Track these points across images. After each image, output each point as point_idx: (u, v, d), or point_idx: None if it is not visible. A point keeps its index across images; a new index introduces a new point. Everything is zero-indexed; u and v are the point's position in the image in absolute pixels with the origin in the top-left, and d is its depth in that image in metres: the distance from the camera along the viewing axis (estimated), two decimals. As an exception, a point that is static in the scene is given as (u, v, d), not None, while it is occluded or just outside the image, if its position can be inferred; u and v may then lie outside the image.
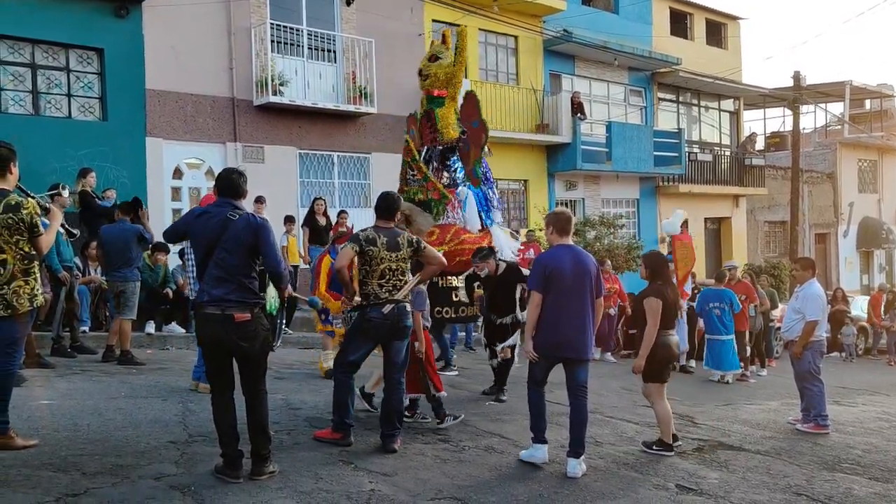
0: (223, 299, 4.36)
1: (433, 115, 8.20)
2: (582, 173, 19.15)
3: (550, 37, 18.25)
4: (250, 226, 4.43)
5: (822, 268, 25.17)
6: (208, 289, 4.42)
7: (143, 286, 10.38)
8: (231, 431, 4.51)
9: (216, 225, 4.43)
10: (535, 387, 5.49)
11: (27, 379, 6.71)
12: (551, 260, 5.45)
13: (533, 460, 5.41)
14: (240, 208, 4.52)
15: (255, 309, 4.47)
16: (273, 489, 4.38)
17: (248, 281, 4.44)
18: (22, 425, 5.30)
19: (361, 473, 4.85)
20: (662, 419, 6.09)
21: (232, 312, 4.36)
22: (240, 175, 4.63)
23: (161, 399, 6.52)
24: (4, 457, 4.57)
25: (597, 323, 5.59)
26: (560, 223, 5.57)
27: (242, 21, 13.32)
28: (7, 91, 11.37)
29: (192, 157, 13.07)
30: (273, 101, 13.28)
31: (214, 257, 4.40)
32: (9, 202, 4.60)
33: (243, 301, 4.40)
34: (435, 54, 8.32)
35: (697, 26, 23.26)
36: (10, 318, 4.68)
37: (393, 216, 5.65)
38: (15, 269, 4.65)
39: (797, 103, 22.32)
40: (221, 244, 4.39)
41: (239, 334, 4.38)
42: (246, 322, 4.38)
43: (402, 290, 5.47)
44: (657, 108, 21.90)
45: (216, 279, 4.40)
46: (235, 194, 4.56)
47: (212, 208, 4.59)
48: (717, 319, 10.96)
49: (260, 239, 4.43)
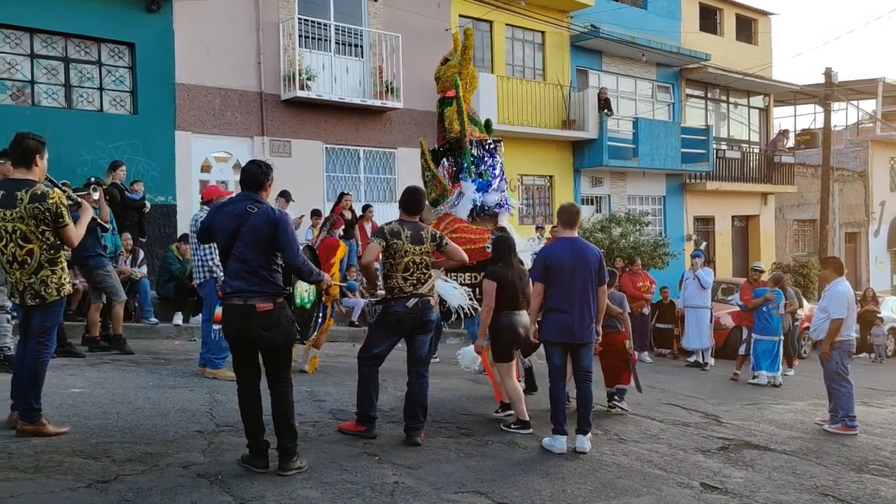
0: (245, 290, 4.40)
1: (442, 115, 8.26)
2: (608, 170, 19.04)
3: (578, 32, 18.14)
4: (269, 219, 4.42)
5: (852, 267, 24.83)
6: (230, 281, 4.47)
7: (171, 278, 10.56)
8: (256, 421, 4.55)
9: (235, 217, 4.45)
10: (556, 375, 5.79)
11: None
12: (550, 252, 5.88)
13: (552, 449, 5.63)
14: (260, 201, 4.52)
15: (279, 300, 4.49)
16: (298, 479, 4.43)
17: (268, 273, 4.44)
18: (53, 413, 5.41)
19: (385, 466, 4.88)
20: (513, 397, 6.20)
21: (254, 303, 4.38)
22: (260, 167, 4.61)
23: (188, 389, 6.61)
24: (38, 443, 4.67)
25: (601, 310, 5.95)
26: (565, 216, 6.02)
27: (271, 16, 13.42)
28: (40, 84, 11.56)
29: (220, 151, 13.20)
30: (300, 96, 13.37)
31: (234, 251, 4.43)
32: (35, 192, 4.64)
33: (264, 292, 4.42)
34: (447, 58, 8.42)
35: (727, 22, 23.00)
36: (39, 308, 4.78)
37: (417, 210, 5.67)
38: (42, 259, 4.71)
39: (828, 100, 21.98)
40: (240, 237, 4.41)
41: (261, 324, 4.40)
42: (268, 312, 4.41)
43: (427, 284, 5.49)
44: (685, 104, 21.70)
45: (237, 272, 4.43)
46: (256, 187, 4.57)
47: (233, 201, 4.63)
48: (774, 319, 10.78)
49: (278, 233, 4.42)
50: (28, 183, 4.69)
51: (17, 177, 4.75)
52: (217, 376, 7.08)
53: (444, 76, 8.30)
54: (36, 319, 4.82)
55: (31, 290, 4.71)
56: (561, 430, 5.68)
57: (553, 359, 5.82)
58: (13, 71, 11.33)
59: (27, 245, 4.67)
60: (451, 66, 8.26)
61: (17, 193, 4.62)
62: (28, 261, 4.69)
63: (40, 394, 4.86)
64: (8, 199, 4.62)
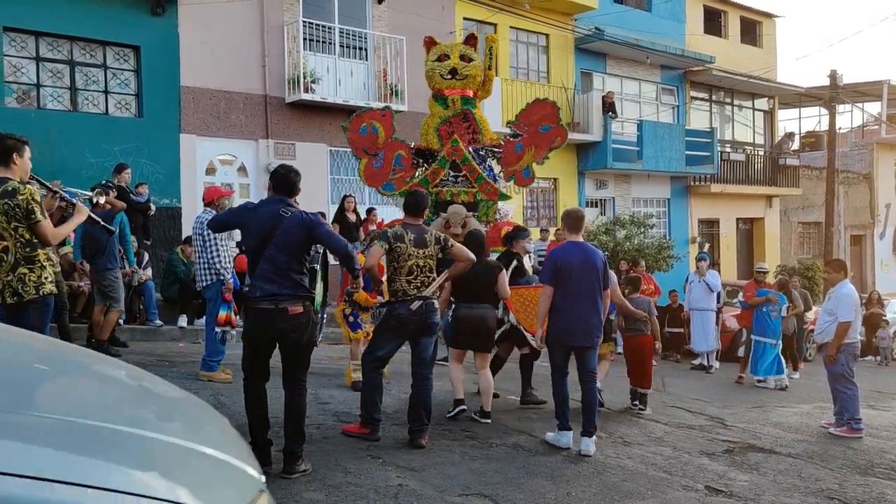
0: (276, 294, 4.47)
1: (471, 115, 8.19)
2: (612, 172, 19.02)
3: (582, 35, 18.14)
4: (303, 222, 4.54)
5: (857, 270, 24.73)
6: (260, 284, 4.52)
7: (176, 280, 10.57)
8: (262, 420, 4.59)
9: (268, 220, 4.53)
10: (558, 374, 5.89)
11: None
12: (561, 255, 5.92)
13: (557, 444, 5.77)
14: (292, 205, 4.63)
15: (307, 302, 4.58)
16: (303, 482, 4.43)
17: (298, 276, 4.54)
18: (58, 414, 5.42)
19: (389, 468, 4.88)
20: (453, 379, 6.50)
21: (286, 306, 4.46)
22: (294, 172, 4.75)
23: (193, 392, 6.58)
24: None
25: (605, 312, 6.12)
26: (571, 220, 6.09)
27: (275, 19, 13.44)
28: (46, 87, 11.60)
29: (224, 154, 13.22)
30: (305, 99, 13.39)
31: (265, 253, 4.50)
32: (6, 188, 4.57)
33: (296, 295, 4.50)
34: (468, 55, 8.29)
35: (732, 24, 22.98)
36: (20, 308, 4.69)
37: (421, 214, 5.68)
38: (18, 256, 4.64)
39: (833, 102, 21.93)
40: (273, 240, 4.48)
41: (291, 326, 4.49)
42: (299, 314, 4.50)
43: (430, 287, 5.50)
44: (689, 106, 21.68)
45: (266, 274, 4.50)
46: (289, 191, 4.69)
47: (265, 203, 4.72)
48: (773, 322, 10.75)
49: (316, 233, 4.57)
50: (2, 181, 4.61)
51: None
52: (212, 378, 7.08)
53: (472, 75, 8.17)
54: (18, 322, 4.76)
55: (10, 288, 4.64)
56: (566, 426, 5.78)
57: (555, 358, 5.91)
58: (19, 74, 11.37)
59: (1, 242, 4.61)
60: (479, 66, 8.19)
61: None
62: (4, 258, 4.62)
63: None
64: None
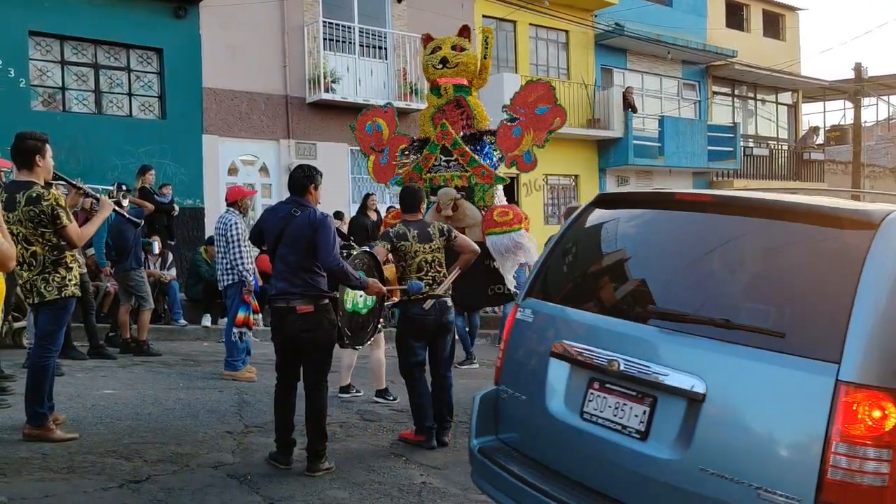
0: (287, 292, 4.51)
1: (464, 101, 8.12)
2: (634, 168, 18.92)
3: (602, 31, 18.05)
4: (309, 221, 4.50)
5: (884, 265, 24.34)
6: (275, 283, 4.61)
7: (200, 280, 10.67)
8: (288, 420, 4.63)
9: (280, 220, 4.58)
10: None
11: (64, 373, 6.62)
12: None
13: None
14: (304, 205, 4.59)
15: (321, 302, 4.54)
16: (327, 480, 4.46)
17: (309, 276, 4.50)
18: (86, 413, 5.51)
19: (413, 466, 4.90)
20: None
21: (295, 304, 4.48)
22: (302, 171, 4.69)
23: (218, 390, 6.68)
24: (71, 444, 4.74)
25: None
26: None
27: (296, 20, 13.52)
28: (71, 90, 11.76)
29: (246, 154, 13.33)
30: (325, 98, 13.46)
31: (278, 253, 4.55)
32: (31, 194, 4.59)
33: (306, 294, 4.50)
34: (459, 45, 8.21)
35: (754, 18, 22.74)
36: (41, 308, 4.77)
37: (418, 207, 5.58)
38: (46, 260, 4.71)
39: (858, 96, 21.66)
40: (283, 240, 4.52)
41: (301, 325, 4.49)
42: (308, 314, 4.48)
43: (443, 285, 5.41)
44: (711, 101, 21.50)
45: (280, 273, 4.56)
46: (299, 191, 4.65)
47: (280, 204, 4.79)
48: None
49: (317, 234, 4.47)
50: (27, 185, 4.64)
51: (20, 178, 4.73)
52: (236, 378, 7.14)
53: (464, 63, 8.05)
54: (39, 321, 4.86)
55: (36, 289, 4.72)
56: None
57: None
58: (44, 78, 11.53)
59: (31, 247, 4.68)
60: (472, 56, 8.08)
61: (16, 196, 4.60)
62: (33, 262, 4.70)
63: (44, 398, 4.77)
64: (9, 203, 4.61)
